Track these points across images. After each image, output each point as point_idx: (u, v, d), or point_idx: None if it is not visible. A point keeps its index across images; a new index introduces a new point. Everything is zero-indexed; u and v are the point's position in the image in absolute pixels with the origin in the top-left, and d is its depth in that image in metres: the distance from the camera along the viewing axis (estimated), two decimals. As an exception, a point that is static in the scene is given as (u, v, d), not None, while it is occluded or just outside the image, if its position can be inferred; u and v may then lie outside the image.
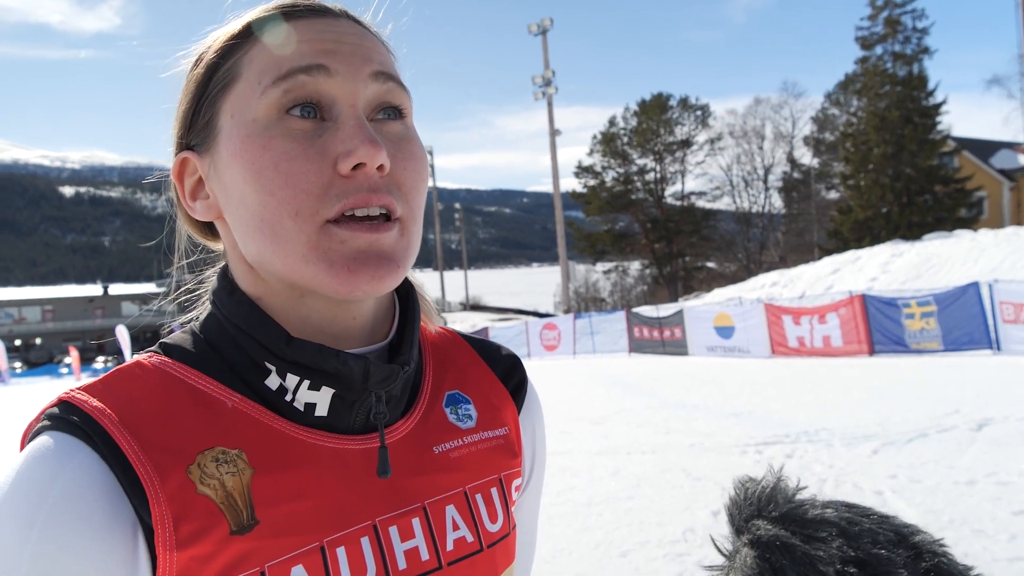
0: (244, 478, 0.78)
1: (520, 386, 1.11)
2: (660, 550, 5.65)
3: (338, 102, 0.83)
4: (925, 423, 9.52)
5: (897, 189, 45.37)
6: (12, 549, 0.69)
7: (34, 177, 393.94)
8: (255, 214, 0.82)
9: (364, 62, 0.84)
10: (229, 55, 0.86)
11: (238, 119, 0.83)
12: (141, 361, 0.86)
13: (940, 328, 17.83)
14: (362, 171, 0.80)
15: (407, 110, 0.89)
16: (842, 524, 0.74)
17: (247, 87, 0.83)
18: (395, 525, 0.86)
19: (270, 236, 0.81)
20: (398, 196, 0.84)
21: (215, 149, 0.86)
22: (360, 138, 0.80)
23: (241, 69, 0.85)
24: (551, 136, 45.77)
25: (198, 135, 0.89)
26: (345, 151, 0.80)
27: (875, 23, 48.01)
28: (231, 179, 0.84)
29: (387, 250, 0.82)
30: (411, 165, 0.86)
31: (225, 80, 0.86)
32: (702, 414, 11.83)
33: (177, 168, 0.92)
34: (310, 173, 0.79)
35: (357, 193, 0.80)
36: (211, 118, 0.87)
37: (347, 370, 0.83)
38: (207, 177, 0.89)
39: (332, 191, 0.80)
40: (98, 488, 0.73)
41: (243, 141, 0.82)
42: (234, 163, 0.82)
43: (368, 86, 0.84)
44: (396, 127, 0.87)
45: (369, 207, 0.81)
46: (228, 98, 0.85)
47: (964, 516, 5.92)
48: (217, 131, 0.86)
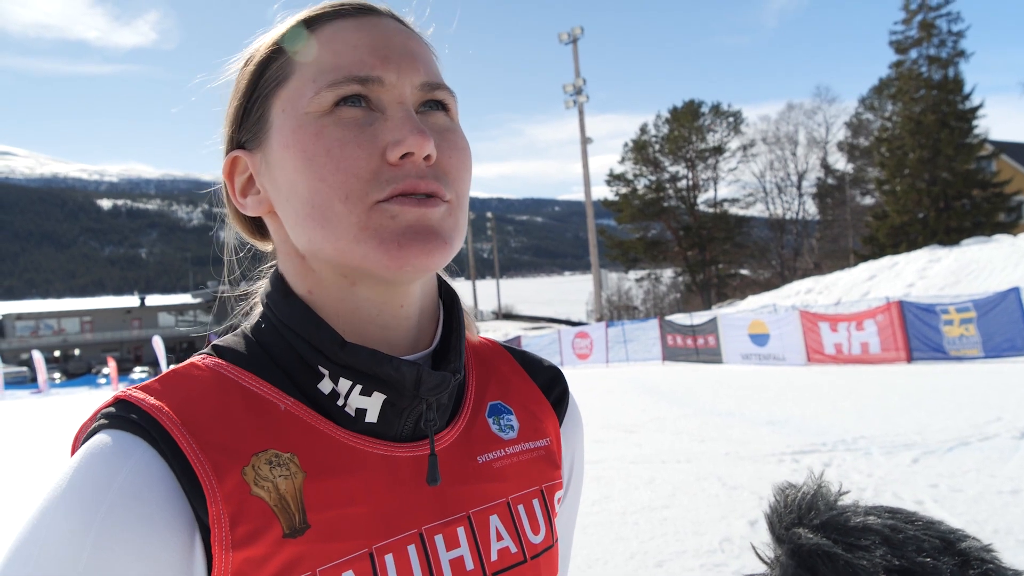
0: (296, 481, 0.79)
1: (562, 398, 1.11)
2: (696, 560, 5.59)
3: (387, 100, 0.85)
4: (966, 431, 9.36)
5: (934, 194, 44.79)
6: (70, 548, 0.69)
7: (73, 190, 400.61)
8: (306, 201, 0.83)
9: (413, 71, 0.86)
10: (280, 54, 0.88)
11: (290, 112, 0.85)
12: (196, 363, 0.87)
13: (980, 334, 17.56)
14: (410, 160, 0.82)
15: (452, 107, 0.91)
16: (885, 532, 0.73)
17: (300, 84, 0.85)
18: (441, 534, 0.86)
19: (320, 221, 0.82)
20: (445, 182, 0.85)
21: (266, 144, 0.88)
22: (409, 128, 0.81)
23: (293, 67, 0.87)
24: (582, 144, 45.77)
25: (249, 131, 0.91)
26: (394, 140, 0.81)
27: (909, 27, 47.51)
28: (282, 170, 0.85)
29: (435, 225, 0.83)
30: (456, 154, 0.87)
31: (278, 78, 0.88)
32: (737, 422, 11.72)
33: (228, 167, 0.94)
34: (360, 159, 0.81)
35: (406, 179, 0.82)
36: (263, 114, 0.88)
37: (399, 376, 0.84)
38: (258, 173, 0.91)
39: (381, 177, 0.81)
40: (158, 486, 0.73)
41: (295, 132, 0.83)
42: (286, 154, 0.84)
43: (416, 93, 0.86)
44: (441, 118, 0.89)
45: (418, 192, 0.82)
46: (280, 95, 0.87)
47: (1009, 526, 5.80)
48: (268, 126, 0.87)
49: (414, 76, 0.86)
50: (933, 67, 46.46)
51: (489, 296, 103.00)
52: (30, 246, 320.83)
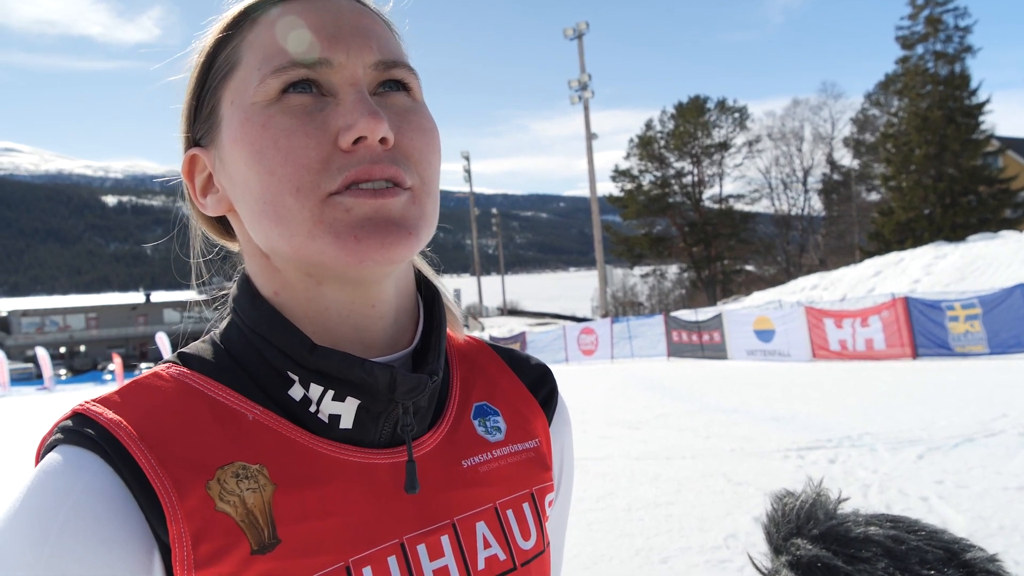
0: (265, 494, 0.75)
1: (550, 397, 1.07)
2: (701, 556, 5.58)
3: (338, 82, 0.80)
4: (972, 427, 9.33)
5: (940, 190, 44.66)
6: (23, 568, 0.67)
7: (78, 187, 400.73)
8: (258, 197, 0.79)
9: (366, 50, 0.81)
10: (227, 43, 0.84)
11: (238, 104, 0.81)
12: (159, 372, 0.83)
13: (985, 331, 17.51)
14: (364, 144, 0.77)
15: (413, 85, 0.86)
16: (887, 543, 0.71)
17: (246, 73, 0.81)
18: (423, 543, 0.82)
19: (274, 217, 0.78)
20: (406, 167, 0.80)
21: (219, 139, 0.84)
22: (361, 111, 0.77)
23: (241, 55, 0.82)
24: (588, 140, 45.68)
25: (202, 127, 0.87)
26: (345, 125, 0.77)
27: (916, 22, 47.33)
28: (234, 165, 0.81)
29: (396, 216, 0.78)
30: (419, 136, 0.82)
31: (225, 68, 0.83)
32: (743, 418, 11.70)
33: (187, 166, 0.89)
34: (309, 148, 0.77)
35: (359, 165, 0.77)
36: (213, 108, 0.84)
37: (372, 380, 0.79)
38: (215, 170, 0.86)
39: (333, 165, 0.77)
40: (112, 504, 0.70)
41: (243, 124, 0.79)
42: (235, 148, 0.80)
43: (369, 73, 0.82)
44: (401, 99, 0.84)
45: (373, 179, 0.77)
46: (228, 86, 0.82)
47: (1014, 523, 5.78)
48: (219, 121, 0.83)
49: (366, 55, 0.81)
50: (940, 63, 46.29)
51: (494, 292, 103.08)
52: (35, 243, 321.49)
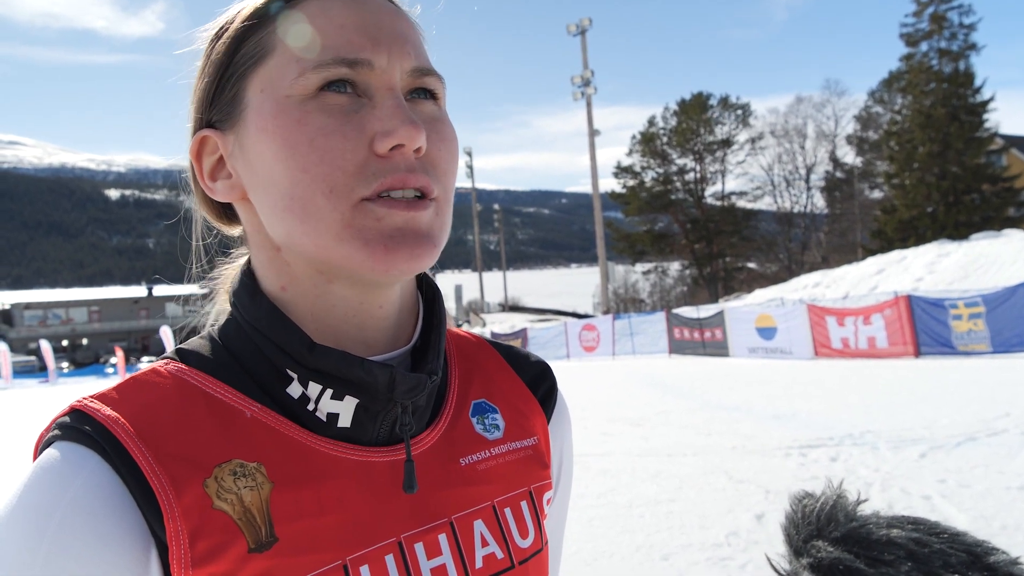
0: (263, 493, 0.75)
1: (549, 394, 1.06)
2: (702, 553, 5.58)
3: (376, 85, 0.79)
4: (974, 426, 9.33)
5: (943, 188, 44.67)
6: (20, 565, 0.67)
7: (80, 180, 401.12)
8: (285, 192, 0.78)
9: (404, 56, 0.80)
10: (258, 28, 0.82)
11: (269, 94, 0.79)
12: (157, 368, 0.83)
13: (988, 329, 17.50)
14: (399, 152, 0.77)
15: (440, 94, 0.86)
16: (910, 546, 0.69)
17: (281, 63, 0.79)
18: (421, 542, 0.82)
19: (300, 215, 0.77)
20: (433, 177, 0.80)
21: (241, 126, 0.82)
22: (400, 119, 0.76)
23: (275, 43, 0.80)
24: (590, 136, 45.64)
25: (221, 111, 0.85)
26: (384, 131, 0.76)
27: (920, 19, 47.36)
28: (259, 156, 0.80)
29: (424, 228, 0.79)
30: (445, 146, 0.83)
31: (256, 54, 0.81)
32: (744, 416, 11.70)
33: (196, 147, 0.87)
34: (347, 151, 0.76)
35: (394, 173, 0.77)
36: (237, 93, 0.83)
37: (371, 379, 0.79)
38: (229, 155, 0.85)
39: (368, 170, 0.76)
40: (109, 501, 0.70)
41: (275, 116, 0.78)
42: (264, 139, 0.79)
43: (405, 79, 0.81)
44: (430, 107, 0.84)
45: (406, 188, 0.77)
46: (258, 73, 0.81)
47: (1017, 522, 5.78)
48: (244, 107, 0.82)
49: (405, 61, 0.80)
50: (944, 60, 46.32)
51: (496, 288, 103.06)
52: (38, 236, 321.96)
